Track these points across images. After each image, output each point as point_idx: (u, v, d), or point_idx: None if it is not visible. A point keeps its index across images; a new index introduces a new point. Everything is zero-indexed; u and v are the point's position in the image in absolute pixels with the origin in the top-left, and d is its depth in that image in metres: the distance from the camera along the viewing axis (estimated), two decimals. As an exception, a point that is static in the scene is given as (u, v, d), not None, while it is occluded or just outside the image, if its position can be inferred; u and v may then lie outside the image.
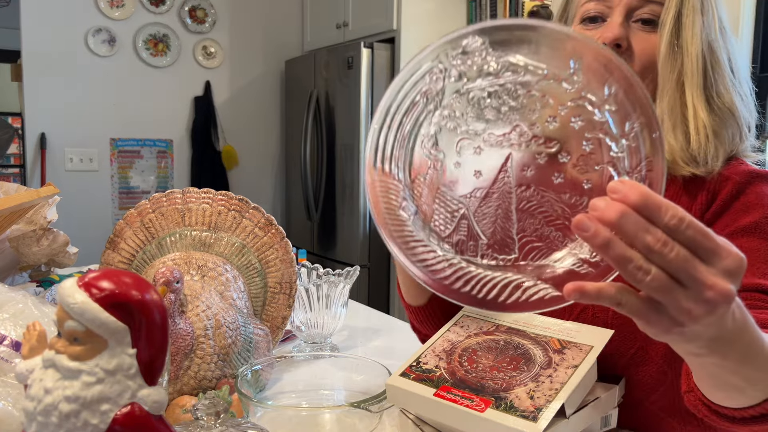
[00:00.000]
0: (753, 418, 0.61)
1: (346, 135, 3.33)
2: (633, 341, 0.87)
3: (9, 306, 0.84)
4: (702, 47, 0.82)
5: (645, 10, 0.83)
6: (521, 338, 0.83)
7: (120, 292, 0.47)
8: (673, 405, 0.84)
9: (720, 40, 0.84)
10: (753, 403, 0.59)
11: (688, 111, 0.82)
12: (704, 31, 0.82)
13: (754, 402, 0.59)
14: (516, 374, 0.76)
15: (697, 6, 0.82)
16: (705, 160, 0.81)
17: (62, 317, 0.48)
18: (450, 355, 0.82)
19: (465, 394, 0.74)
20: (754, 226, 0.78)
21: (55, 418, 0.47)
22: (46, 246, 1.27)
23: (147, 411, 0.49)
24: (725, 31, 0.85)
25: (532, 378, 0.75)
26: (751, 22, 2.44)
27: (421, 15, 3.21)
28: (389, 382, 0.80)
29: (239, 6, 3.92)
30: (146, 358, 0.49)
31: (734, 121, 0.83)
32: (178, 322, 0.88)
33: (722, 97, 0.83)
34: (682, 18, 0.82)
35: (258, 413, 0.80)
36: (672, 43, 0.82)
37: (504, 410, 0.70)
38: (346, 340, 1.27)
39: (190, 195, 1.12)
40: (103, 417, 0.47)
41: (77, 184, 3.58)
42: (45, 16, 3.42)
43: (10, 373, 0.76)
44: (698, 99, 0.82)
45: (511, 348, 0.81)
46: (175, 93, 3.79)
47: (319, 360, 1.04)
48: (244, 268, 1.08)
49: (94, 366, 0.47)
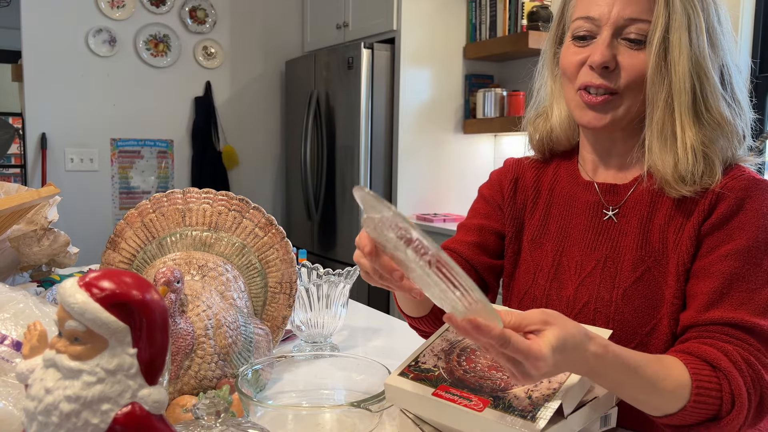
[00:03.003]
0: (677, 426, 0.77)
1: (346, 135, 3.33)
2: (632, 338, 0.89)
3: (10, 306, 0.84)
4: (690, 65, 0.83)
5: (632, 29, 0.85)
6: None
7: (121, 292, 0.47)
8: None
9: (709, 53, 0.85)
10: (657, 415, 0.77)
11: (677, 131, 0.85)
12: (692, 49, 0.84)
13: (658, 415, 0.77)
14: None
15: (684, 24, 0.83)
16: (693, 180, 0.85)
17: (63, 317, 0.48)
18: (449, 354, 0.82)
19: (463, 394, 0.74)
20: (745, 249, 0.82)
21: (56, 417, 0.47)
22: (46, 246, 1.27)
23: (147, 411, 0.49)
24: (716, 39, 0.86)
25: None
26: (750, 22, 2.44)
27: (421, 15, 3.21)
28: (388, 382, 0.80)
29: (239, 6, 3.92)
30: (147, 357, 0.49)
31: (725, 132, 0.86)
32: (178, 322, 0.88)
33: (711, 110, 0.85)
34: (669, 37, 0.83)
35: (258, 413, 0.81)
36: (659, 64, 0.84)
37: (502, 410, 0.70)
38: (346, 340, 1.27)
39: (190, 195, 1.12)
40: (104, 417, 0.47)
41: (78, 184, 3.58)
42: (45, 16, 3.42)
43: (11, 373, 0.76)
44: (687, 117, 0.84)
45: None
46: (176, 93, 3.79)
47: (319, 360, 1.04)
48: (245, 268, 1.08)
49: (94, 366, 0.47)
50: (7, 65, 4.47)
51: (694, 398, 0.75)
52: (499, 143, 3.46)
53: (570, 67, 0.91)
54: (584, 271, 0.94)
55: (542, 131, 1.03)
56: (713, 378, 0.76)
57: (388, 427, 0.84)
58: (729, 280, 0.82)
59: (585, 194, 0.98)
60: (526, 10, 2.99)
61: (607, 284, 0.91)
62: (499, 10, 3.12)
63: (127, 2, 3.59)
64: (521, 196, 1.05)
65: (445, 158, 3.37)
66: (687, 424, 0.77)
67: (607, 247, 0.93)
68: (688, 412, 0.75)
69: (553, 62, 0.99)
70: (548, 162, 1.06)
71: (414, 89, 3.24)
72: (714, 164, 0.85)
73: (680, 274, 0.86)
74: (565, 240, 0.98)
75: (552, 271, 0.98)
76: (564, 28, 0.96)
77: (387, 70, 3.25)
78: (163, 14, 3.70)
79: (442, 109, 3.33)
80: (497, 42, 3.12)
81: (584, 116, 0.91)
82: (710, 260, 0.84)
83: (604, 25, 0.87)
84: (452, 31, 3.30)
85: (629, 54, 0.86)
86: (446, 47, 3.30)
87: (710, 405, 0.75)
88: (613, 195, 0.95)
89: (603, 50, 0.86)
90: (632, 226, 0.91)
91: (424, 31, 3.23)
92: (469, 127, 3.35)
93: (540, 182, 1.05)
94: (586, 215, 0.97)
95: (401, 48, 3.18)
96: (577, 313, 0.93)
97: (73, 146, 3.57)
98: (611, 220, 0.94)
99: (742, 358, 0.77)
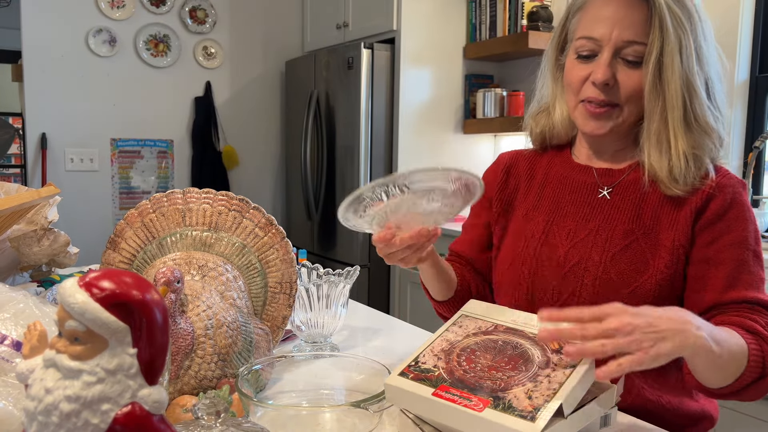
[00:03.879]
0: (728, 394, 0.89)
1: (346, 135, 3.33)
2: (614, 296, 0.99)
3: (10, 306, 0.84)
4: (681, 83, 0.96)
5: (629, 51, 0.98)
6: (519, 338, 0.83)
7: (121, 292, 0.47)
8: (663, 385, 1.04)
9: (697, 70, 0.97)
10: (724, 384, 0.88)
11: (671, 139, 0.98)
12: (683, 69, 0.96)
13: (725, 384, 0.88)
14: (514, 374, 0.76)
15: (676, 47, 0.95)
16: (685, 181, 0.98)
17: (63, 317, 0.48)
18: (449, 354, 0.82)
19: (463, 394, 0.74)
20: (743, 239, 0.97)
21: (56, 417, 0.47)
22: (46, 246, 1.27)
23: (147, 411, 0.49)
24: (702, 56, 0.99)
25: (530, 378, 0.75)
26: (750, 22, 2.44)
27: (421, 15, 3.21)
28: (388, 382, 0.80)
29: (239, 6, 3.92)
30: (147, 357, 0.49)
31: (711, 136, 0.99)
32: (178, 322, 0.88)
33: (699, 120, 0.98)
34: (663, 59, 0.96)
35: (258, 413, 0.81)
36: (655, 82, 0.97)
37: (502, 410, 0.70)
38: (346, 340, 1.27)
39: (190, 195, 1.12)
40: (104, 416, 0.47)
41: (78, 184, 3.58)
42: (45, 16, 3.42)
43: (11, 373, 0.76)
44: (679, 127, 0.97)
45: (510, 348, 0.81)
46: (176, 93, 3.79)
47: (319, 360, 1.04)
48: (245, 268, 1.08)
49: (94, 366, 0.47)
50: (7, 65, 4.47)
51: (750, 361, 0.86)
52: (499, 143, 3.46)
53: (575, 83, 1.03)
54: (577, 237, 1.05)
55: (544, 126, 1.14)
56: (754, 341, 0.88)
57: (388, 427, 0.84)
58: (737, 265, 0.96)
59: (581, 176, 1.09)
60: (526, 10, 2.99)
61: (598, 248, 1.02)
62: (499, 10, 3.12)
63: (127, 2, 3.59)
64: (513, 181, 1.17)
65: (445, 158, 3.36)
66: (741, 387, 0.88)
67: (600, 218, 1.04)
68: (746, 374, 0.86)
69: (555, 67, 1.11)
70: (543, 152, 1.17)
71: (414, 89, 3.24)
72: (703, 163, 0.99)
73: (676, 248, 0.98)
74: (557, 212, 1.09)
75: (543, 237, 1.08)
76: (566, 37, 1.08)
77: (387, 70, 3.25)
78: (163, 14, 3.70)
79: (442, 109, 3.33)
80: (497, 42, 3.12)
81: (587, 125, 1.03)
82: (717, 248, 0.97)
83: (605, 45, 0.98)
84: (452, 31, 3.30)
85: (627, 73, 0.98)
86: (446, 47, 3.30)
87: (759, 364, 0.87)
88: (608, 177, 1.07)
89: (605, 70, 0.98)
90: (625, 204, 1.03)
91: (424, 31, 3.23)
92: (469, 127, 3.35)
93: (534, 168, 1.16)
94: (581, 193, 1.08)
95: (401, 48, 3.18)
96: (567, 271, 1.03)
97: (73, 146, 3.57)
98: (605, 197, 1.05)
99: (767, 324, 0.91)
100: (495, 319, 0.88)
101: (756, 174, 2.46)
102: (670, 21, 0.95)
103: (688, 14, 0.96)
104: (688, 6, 0.97)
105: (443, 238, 1.11)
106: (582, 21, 1.02)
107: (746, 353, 0.86)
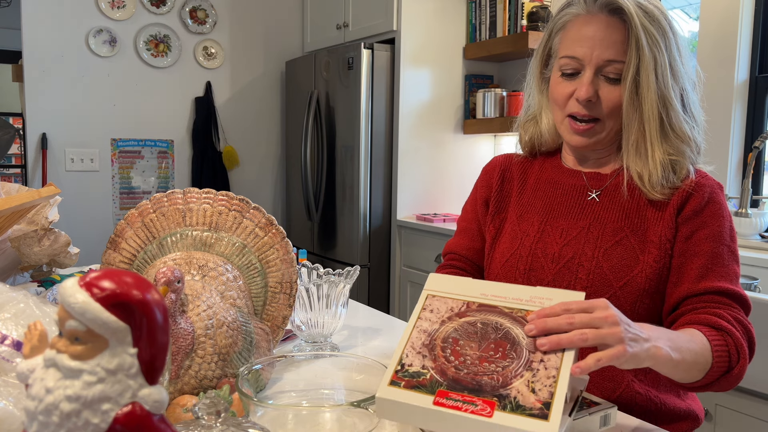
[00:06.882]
0: (700, 387, 0.96)
1: (346, 135, 3.34)
2: (607, 290, 1.06)
3: (10, 306, 0.84)
4: (656, 98, 1.03)
5: (610, 69, 1.04)
6: (497, 316, 0.79)
7: (121, 292, 0.48)
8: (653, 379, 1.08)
9: (672, 85, 1.04)
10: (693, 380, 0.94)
11: (649, 149, 1.05)
12: (658, 85, 1.03)
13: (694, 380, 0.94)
14: (507, 363, 0.73)
15: (650, 66, 1.02)
16: (663, 188, 1.05)
17: (63, 317, 0.48)
18: (432, 350, 0.77)
19: (465, 398, 0.70)
20: (718, 234, 1.04)
21: (56, 417, 0.47)
22: (47, 246, 1.28)
23: (148, 410, 0.49)
24: (677, 69, 1.04)
25: (525, 366, 0.72)
26: (750, 22, 2.44)
27: (421, 15, 3.21)
28: (380, 396, 0.73)
29: (240, 7, 3.92)
30: (147, 357, 0.49)
31: (688, 144, 1.06)
32: (179, 322, 0.88)
33: (675, 130, 1.05)
34: (638, 78, 1.02)
35: (258, 412, 0.81)
36: (632, 98, 1.04)
37: (511, 411, 0.68)
38: (346, 340, 1.27)
39: (191, 195, 1.12)
40: (104, 416, 0.47)
41: (78, 185, 3.58)
42: (46, 16, 3.42)
43: (12, 373, 0.76)
44: (656, 138, 1.05)
45: (491, 330, 0.78)
46: (176, 93, 3.79)
47: (320, 359, 1.04)
48: (245, 267, 1.08)
49: (95, 365, 0.47)
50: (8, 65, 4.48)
51: (714, 358, 0.92)
52: (499, 143, 3.46)
53: (560, 99, 1.10)
54: (570, 235, 1.11)
55: (532, 134, 1.21)
56: (719, 337, 0.94)
57: (388, 427, 0.84)
58: (711, 257, 1.03)
59: (571, 179, 1.16)
60: (525, 10, 2.99)
61: (590, 244, 1.08)
62: (499, 10, 3.12)
63: (127, 2, 3.59)
64: (507, 183, 1.24)
65: (445, 158, 3.37)
66: (711, 381, 0.94)
67: (591, 218, 1.11)
68: (713, 370, 0.93)
69: (540, 80, 1.18)
70: (533, 158, 1.24)
71: (414, 89, 3.24)
72: (683, 167, 1.06)
73: (663, 243, 1.05)
74: (551, 212, 1.15)
75: (538, 235, 1.13)
76: (550, 52, 1.15)
77: (387, 70, 3.25)
78: (163, 14, 3.70)
79: (441, 110, 3.34)
80: (497, 42, 3.12)
81: (572, 139, 1.11)
82: (693, 242, 1.04)
83: (587, 65, 1.05)
84: (452, 32, 3.31)
85: (608, 89, 1.06)
86: (446, 47, 3.30)
87: (724, 359, 0.93)
88: (596, 181, 1.14)
89: (587, 88, 1.05)
90: (614, 205, 1.10)
91: (424, 32, 3.23)
92: (469, 128, 3.35)
93: (526, 173, 1.23)
94: (572, 195, 1.15)
95: (401, 48, 3.18)
96: (562, 266, 1.09)
97: (74, 146, 3.57)
98: (594, 199, 1.12)
99: (732, 317, 0.98)
100: (463, 296, 0.84)
101: (756, 174, 2.46)
102: (645, 40, 1.01)
103: (662, 32, 1.03)
104: (662, 24, 1.03)
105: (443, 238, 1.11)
106: (564, 41, 1.09)
107: (710, 352, 0.92)
